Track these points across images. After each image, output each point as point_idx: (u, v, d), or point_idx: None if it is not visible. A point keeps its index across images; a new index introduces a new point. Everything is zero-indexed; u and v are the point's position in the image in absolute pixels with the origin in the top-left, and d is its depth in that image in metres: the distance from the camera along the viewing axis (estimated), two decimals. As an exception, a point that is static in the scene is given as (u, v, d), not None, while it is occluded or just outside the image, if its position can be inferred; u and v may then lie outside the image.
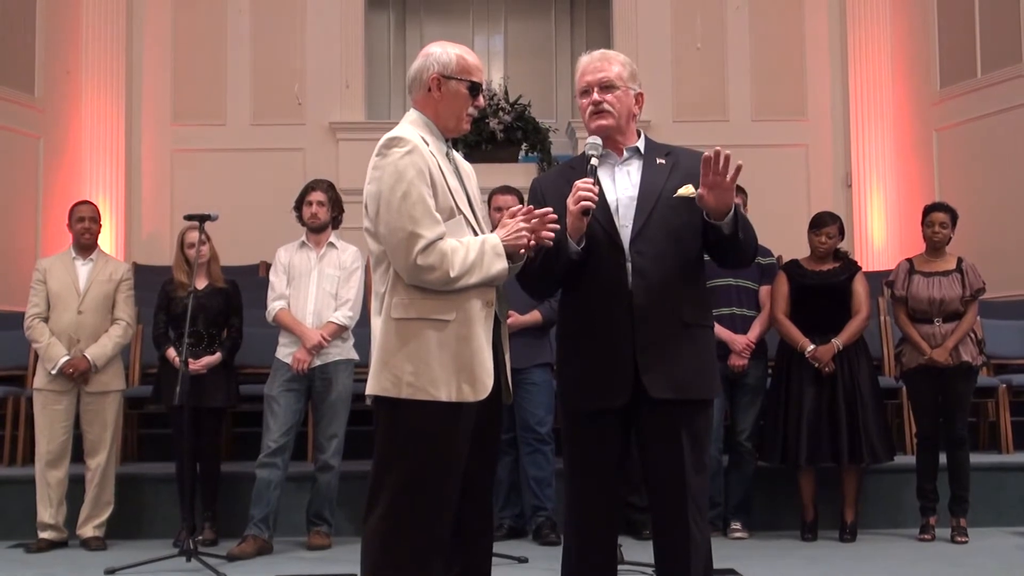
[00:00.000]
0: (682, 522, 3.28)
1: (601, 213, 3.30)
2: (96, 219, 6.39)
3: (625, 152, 3.45)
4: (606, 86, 3.39)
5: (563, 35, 12.81)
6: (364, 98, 11.14)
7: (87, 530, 6.09)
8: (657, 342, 3.26)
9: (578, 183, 3.23)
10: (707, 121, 10.50)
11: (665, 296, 3.28)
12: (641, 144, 3.47)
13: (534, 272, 3.33)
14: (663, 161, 3.42)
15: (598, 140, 3.36)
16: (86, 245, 6.32)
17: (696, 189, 3.28)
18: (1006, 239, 9.07)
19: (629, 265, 3.29)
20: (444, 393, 3.05)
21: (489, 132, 10.32)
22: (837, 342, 6.02)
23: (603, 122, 3.39)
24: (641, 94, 3.47)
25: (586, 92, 3.42)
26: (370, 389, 3.12)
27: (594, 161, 3.30)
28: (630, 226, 3.32)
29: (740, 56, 10.91)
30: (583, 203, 3.19)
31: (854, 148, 10.69)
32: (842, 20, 10.81)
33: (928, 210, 6.36)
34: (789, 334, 6.13)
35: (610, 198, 3.36)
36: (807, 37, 10.92)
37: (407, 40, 12.78)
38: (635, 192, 3.37)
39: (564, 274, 3.35)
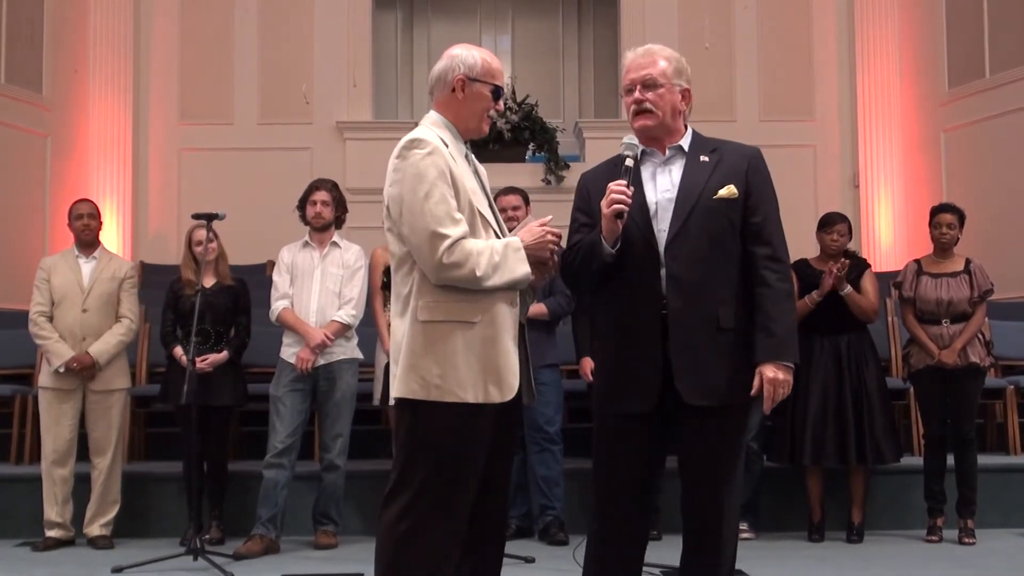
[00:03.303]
0: (718, 527, 3.27)
1: (639, 215, 3.25)
2: (95, 216, 6.39)
3: (668, 151, 3.37)
4: (648, 84, 3.32)
5: (570, 35, 12.80)
6: (371, 98, 11.12)
7: (94, 529, 6.10)
8: (692, 347, 3.21)
9: (611, 185, 3.20)
10: (715, 121, 10.40)
11: (701, 301, 3.22)
12: (686, 141, 3.39)
13: (573, 269, 3.35)
14: (707, 159, 3.34)
15: (634, 140, 3.32)
16: (87, 242, 6.33)
17: (737, 189, 3.26)
18: (1014, 240, 9.04)
19: (663, 270, 3.24)
20: (471, 395, 3.06)
21: (496, 132, 10.34)
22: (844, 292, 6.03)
23: (645, 122, 3.33)
24: (688, 90, 3.38)
25: (629, 91, 3.36)
26: (397, 392, 3.11)
27: (628, 162, 3.26)
28: (667, 229, 3.27)
29: (748, 56, 10.91)
30: (615, 207, 3.17)
31: (862, 148, 10.68)
32: (850, 20, 10.79)
33: (935, 211, 6.34)
34: (797, 309, 6.12)
35: (649, 199, 3.31)
36: (815, 37, 10.91)
37: (414, 40, 12.77)
38: (674, 193, 3.30)
39: (600, 274, 3.33)
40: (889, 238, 10.44)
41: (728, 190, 3.26)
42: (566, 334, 6.48)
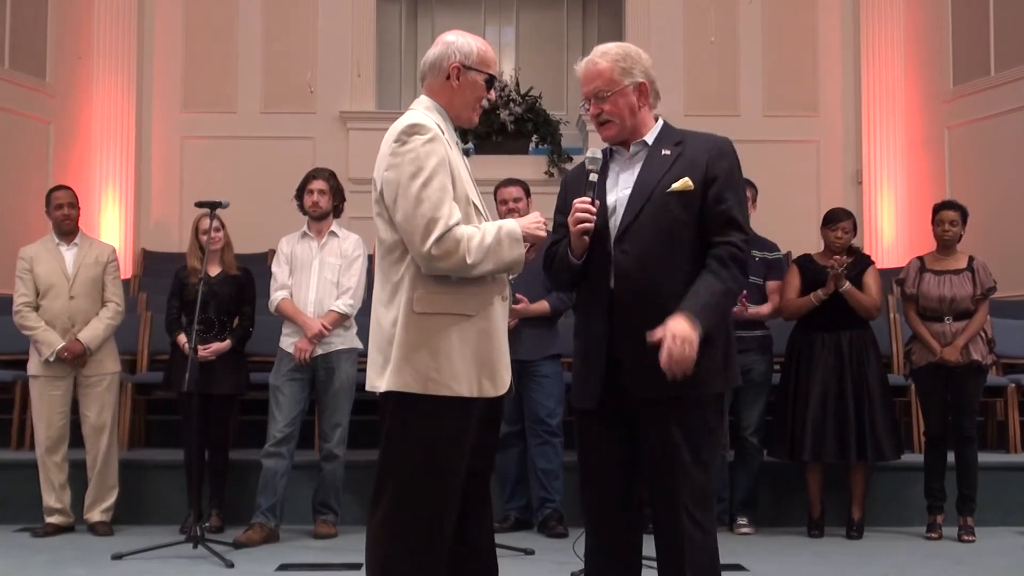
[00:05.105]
0: (676, 521, 3.19)
1: (599, 217, 3.23)
2: (75, 204, 6.36)
3: (632, 147, 3.34)
4: (599, 96, 3.27)
5: (575, 27, 12.76)
6: (375, 87, 11.12)
7: (94, 515, 6.11)
8: (639, 342, 3.12)
9: (576, 203, 3.18)
10: (718, 116, 10.43)
11: (649, 294, 3.17)
12: (652, 135, 3.34)
13: (551, 273, 3.39)
14: (668, 152, 3.28)
15: (598, 154, 3.29)
16: (68, 231, 6.31)
17: (693, 181, 3.19)
18: (1017, 238, 9.03)
19: (612, 266, 3.22)
20: (465, 388, 3.05)
21: (499, 124, 10.33)
22: (844, 289, 6.02)
23: (607, 133, 3.32)
24: (643, 83, 3.29)
25: (585, 104, 3.34)
26: (391, 385, 3.06)
27: (592, 176, 3.24)
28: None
29: (752, 51, 10.88)
30: (581, 225, 3.17)
31: (865, 145, 10.66)
32: (855, 16, 10.77)
33: (938, 208, 6.34)
34: (800, 304, 6.12)
35: (609, 199, 3.29)
36: (820, 32, 10.89)
37: (418, 30, 12.75)
38: (631, 190, 3.28)
39: (573, 280, 3.37)
40: (891, 235, 10.43)
41: (683, 183, 3.20)
42: (567, 326, 6.46)
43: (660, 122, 3.39)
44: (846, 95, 10.84)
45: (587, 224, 3.16)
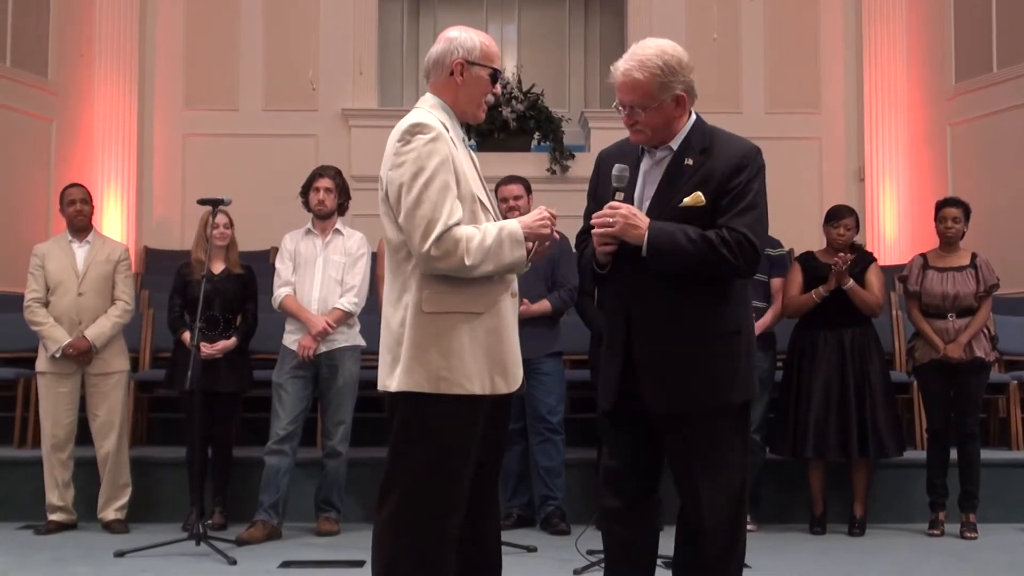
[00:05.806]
0: (697, 520, 3.29)
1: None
2: (88, 200, 6.38)
3: (659, 152, 3.30)
4: (635, 107, 3.23)
5: (577, 25, 12.74)
6: (377, 85, 11.12)
7: (108, 513, 6.12)
8: (657, 354, 3.21)
9: (596, 226, 3.19)
10: (720, 113, 10.31)
11: (667, 309, 3.21)
12: (679, 139, 3.29)
13: (580, 268, 3.45)
14: (691, 162, 3.24)
15: (625, 172, 3.25)
16: (80, 227, 6.32)
17: (707, 195, 3.18)
18: (1019, 235, 9.01)
19: (633, 281, 3.24)
20: (478, 386, 3.05)
21: (502, 121, 10.33)
22: (848, 286, 6.03)
23: (637, 138, 3.30)
24: (682, 95, 3.23)
25: (622, 106, 3.28)
26: (402, 385, 3.06)
27: (619, 196, 3.23)
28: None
29: (754, 48, 10.87)
30: (603, 248, 3.20)
31: (867, 142, 10.65)
32: (857, 13, 10.76)
33: (941, 205, 6.34)
34: (801, 302, 6.12)
35: (636, 196, 3.29)
36: (822, 30, 10.88)
37: (420, 27, 12.73)
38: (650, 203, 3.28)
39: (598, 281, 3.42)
40: (894, 232, 10.42)
41: (694, 198, 3.18)
42: (568, 323, 6.47)
43: (691, 120, 3.33)
44: (848, 92, 10.83)
45: (610, 248, 3.20)
